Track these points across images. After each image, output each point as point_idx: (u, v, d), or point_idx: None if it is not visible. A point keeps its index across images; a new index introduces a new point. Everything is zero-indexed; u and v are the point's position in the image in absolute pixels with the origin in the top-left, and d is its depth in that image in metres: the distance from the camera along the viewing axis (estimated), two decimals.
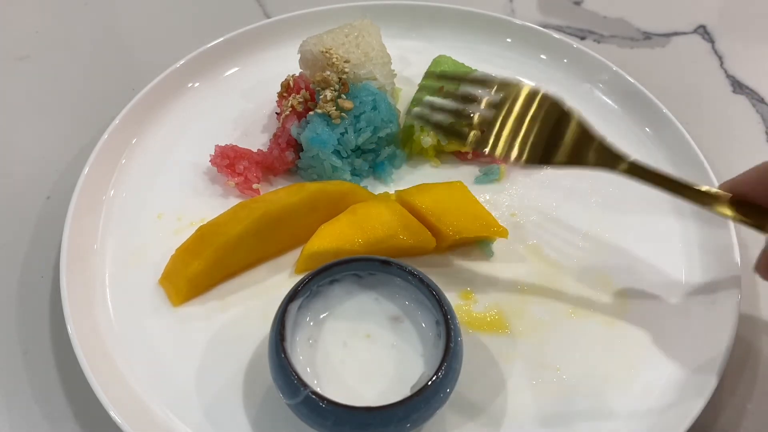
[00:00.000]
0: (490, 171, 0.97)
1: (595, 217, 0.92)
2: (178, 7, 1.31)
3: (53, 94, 1.13)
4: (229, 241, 0.81)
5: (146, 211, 0.92)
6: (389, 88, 1.00)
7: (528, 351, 0.78)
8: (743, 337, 0.81)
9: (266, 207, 0.83)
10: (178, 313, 0.81)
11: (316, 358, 0.69)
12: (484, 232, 0.85)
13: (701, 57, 1.21)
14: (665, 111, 1.00)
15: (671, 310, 0.82)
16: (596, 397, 0.75)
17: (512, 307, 0.82)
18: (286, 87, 0.98)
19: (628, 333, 0.80)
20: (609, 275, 0.85)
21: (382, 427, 0.63)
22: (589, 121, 0.77)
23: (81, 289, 0.81)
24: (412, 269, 0.71)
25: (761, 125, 1.08)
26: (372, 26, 1.02)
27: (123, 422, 0.68)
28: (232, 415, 0.73)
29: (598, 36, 1.24)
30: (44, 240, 0.91)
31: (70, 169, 0.99)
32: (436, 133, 0.92)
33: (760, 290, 0.86)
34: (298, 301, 0.69)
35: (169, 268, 0.83)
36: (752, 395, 0.77)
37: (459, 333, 0.68)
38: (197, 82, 1.08)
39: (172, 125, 1.02)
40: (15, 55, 1.19)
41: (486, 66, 1.03)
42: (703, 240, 0.88)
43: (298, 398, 0.63)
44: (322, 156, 0.91)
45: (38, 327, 0.83)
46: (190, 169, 0.97)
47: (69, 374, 0.78)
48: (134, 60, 1.21)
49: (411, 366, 0.68)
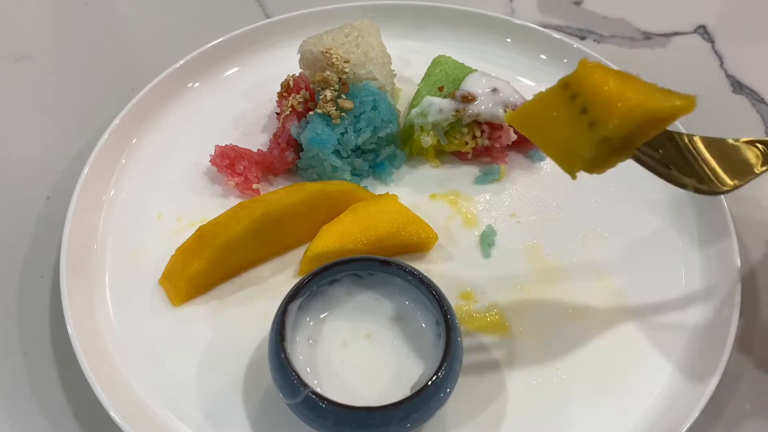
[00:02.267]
0: (490, 171, 0.97)
1: (595, 217, 0.92)
2: (178, 7, 1.31)
3: (53, 94, 1.13)
4: (229, 241, 0.81)
5: (146, 211, 0.92)
6: (389, 88, 1.00)
7: (528, 351, 0.78)
8: (743, 337, 0.81)
9: (266, 207, 0.83)
10: (178, 313, 0.81)
11: (316, 358, 0.69)
12: None
13: (701, 57, 1.21)
14: None
15: (671, 310, 0.82)
16: (596, 397, 0.75)
17: (512, 307, 0.82)
18: (286, 87, 0.98)
19: (628, 333, 0.80)
20: (609, 275, 0.85)
21: (382, 427, 0.63)
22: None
23: (81, 289, 0.81)
24: (412, 269, 0.71)
25: (761, 125, 1.08)
26: (372, 26, 1.02)
27: (123, 422, 0.68)
28: (232, 415, 0.73)
29: (598, 36, 1.24)
30: (44, 240, 0.91)
31: (70, 169, 0.99)
32: None
33: (760, 290, 0.86)
34: (298, 301, 0.69)
35: (169, 268, 0.83)
36: (752, 395, 0.77)
37: (459, 333, 0.68)
38: (197, 82, 1.08)
39: (172, 125, 1.02)
40: (15, 55, 1.19)
41: (486, 66, 1.03)
42: (703, 240, 0.88)
43: (298, 398, 0.63)
44: (322, 156, 0.91)
45: (38, 327, 0.83)
46: (190, 169, 0.97)
47: (69, 374, 0.78)
48: (134, 60, 1.21)
49: (411, 366, 0.69)
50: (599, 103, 0.58)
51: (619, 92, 0.57)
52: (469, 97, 0.94)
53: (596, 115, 0.58)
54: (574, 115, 0.59)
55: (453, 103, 0.94)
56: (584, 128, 0.59)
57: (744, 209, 0.96)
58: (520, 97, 0.97)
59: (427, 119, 0.95)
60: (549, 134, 0.63)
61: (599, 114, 0.58)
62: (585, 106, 0.59)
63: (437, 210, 0.93)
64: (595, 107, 0.58)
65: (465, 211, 0.93)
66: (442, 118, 0.94)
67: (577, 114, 0.59)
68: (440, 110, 0.94)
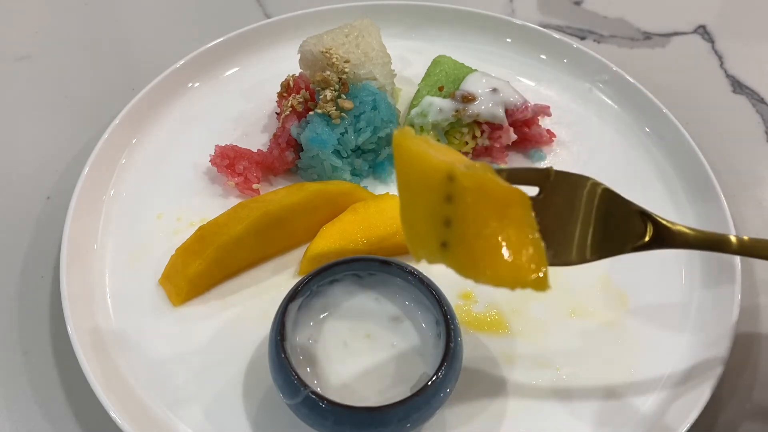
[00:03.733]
0: None
1: None
2: (178, 7, 1.31)
3: (53, 94, 1.13)
4: (229, 241, 0.81)
5: (146, 211, 0.92)
6: (389, 88, 1.00)
7: (528, 351, 0.78)
8: (743, 337, 0.81)
9: (266, 207, 0.83)
10: (178, 313, 0.81)
11: (316, 358, 0.69)
12: None
13: (701, 57, 1.21)
14: (665, 111, 1.00)
15: (671, 310, 0.82)
16: (596, 397, 0.75)
17: (512, 307, 0.82)
18: (286, 87, 0.98)
19: (628, 333, 0.80)
20: (609, 275, 0.85)
21: (382, 427, 0.63)
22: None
23: (81, 289, 0.81)
24: (412, 269, 0.71)
25: (761, 125, 1.08)
26: (372, 26, 1.02)
27: (123, 422, 0.68)
28: (232, 415, 0.73)
29: (598, 36, 1.24)
30: (44, 240, 0.91)
31: (70, 169, 0.99)
32: None
33: (760, 290, 0.86)
34: (298, 301, 0.69)
35: (169, 268, 0.83)
36: (752, 395, 0.77)
37: (459, 333, 0.68)
38: (197, 82, 1.08)
39: (172, 125, 1.02)
40: (15, 55, 1.19)
41: (486, 66, 1.03)
42: None
43: (298, 398, 0.63)
44: (322, 156, 0.91)
45: (38, 327, 0.83)
46: (190, 169, 0.97)
47: (69, 374, 0.78)
48: (134, 60, 1.21)
49: (411, 366, 0.68)
50: (463, 246, 0.51)
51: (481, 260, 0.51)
52: (469, 97, 0.94)
53: (453, 245, 0.51)
54: (437, 213, 0.52)
55: (453, 103, 0.95)
56: (437, 239, 0.52)
57: (744, 209, 0.96)
58: (520, 97, 0.97)
59: (427, 119, 0.95)
60: (411, 206, 0.55)
61: (456, 249, 0.51)
62: (452, 222, 0.52)
63: None
64: (457, 240, 0.51)
65: None
66: (442, 118, 0.94)
67: (440, 218, 0.52)
68: (440, 110, 0.94)
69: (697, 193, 0.92)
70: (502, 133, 0.95)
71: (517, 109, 0.95)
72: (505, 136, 0.95)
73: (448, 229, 0.52)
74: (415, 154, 0.54)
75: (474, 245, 0.51)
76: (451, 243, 0.52)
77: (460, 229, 0.52)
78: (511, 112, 0.95)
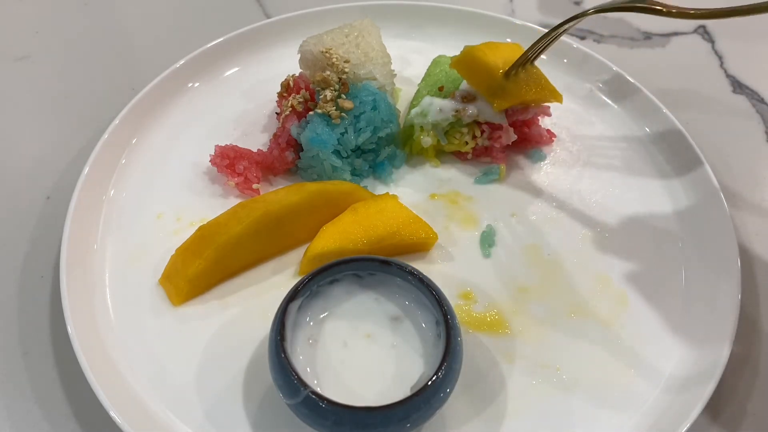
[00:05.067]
0: (490, 171, 0.97)
1: (595, 217, 0.92)
2: (178, 7, 1.31)
3: (53, 94, 1.13)
4: (229, 241, 0.81)
5: (146, 211, 0.92)
6: (389, 88, 1.00)
7: (528, 351, 0.78)
8: (743, 337, 0.81)
9: (266, 207, 0.83)
10: (178, 313, 0.81)
11: (316, 358, 0.69)
12: None
13: (701, 57, 1.21)
14: (665, 111, 1.00)
15: (671, 310, 0.82)
16: (596, 397, 0.75)
17: (512, 307, 0.82)
18: (286, 87, 0.98)
19: (628, 332, 0.80)
20: (609, 275, 0.86)
21: (382, 427, 0.63)
22: None
23: (81, 289, 0.81)
24: (412, 269, 0.71)
25: (761, 125, 1.09)
26: (372, 26, 1.02)
27: (123, 422, 0.68)
28: (232, 415, 0.73)
29: (598, 36, 1.24)
30: (44, 240, 0.91)
31: (70, 169, 0.99)
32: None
33: (760, 290, 0.86)
34: (298, 301, 0.69)
35: (169, 268, 0.83)
36: (752, 395, 0.77)
37: (459, 333, 0.68)
38: (197, 82, 1.08)
39: (172, 125, 1.02)
40: (15, 55, 1.19)
41: None
42: (702, 240, 0.88)
43: (298, 398, 0.63)
44: (322, 156, 0.91)
45: (38, 327, 0.83)
46: (190, 169, 0.97)
47: (69, 374, 0.78)
48: (134, 60, 1.21)
49: (411, 366, 0.68)
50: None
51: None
52: (469, 97, 0.94)
53: None
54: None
55: (453, 103, 0.94)
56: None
57: (744, 209, 0.96)
58: None
59: (427, 119, 0.95)
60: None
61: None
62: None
63: (437, 210, 0.93)
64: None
65: (465, 211, 0.93)
66: (442, 118, 0.94)
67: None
68: (440, 110, 0.94)
69: (697, 193, 0.92)
70: (502, 133, 0.95)
71: (517, 109, 0.95)
72: (505, 136, 0.95)
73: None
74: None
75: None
76: None
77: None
78: (511, 112, 0.95)
